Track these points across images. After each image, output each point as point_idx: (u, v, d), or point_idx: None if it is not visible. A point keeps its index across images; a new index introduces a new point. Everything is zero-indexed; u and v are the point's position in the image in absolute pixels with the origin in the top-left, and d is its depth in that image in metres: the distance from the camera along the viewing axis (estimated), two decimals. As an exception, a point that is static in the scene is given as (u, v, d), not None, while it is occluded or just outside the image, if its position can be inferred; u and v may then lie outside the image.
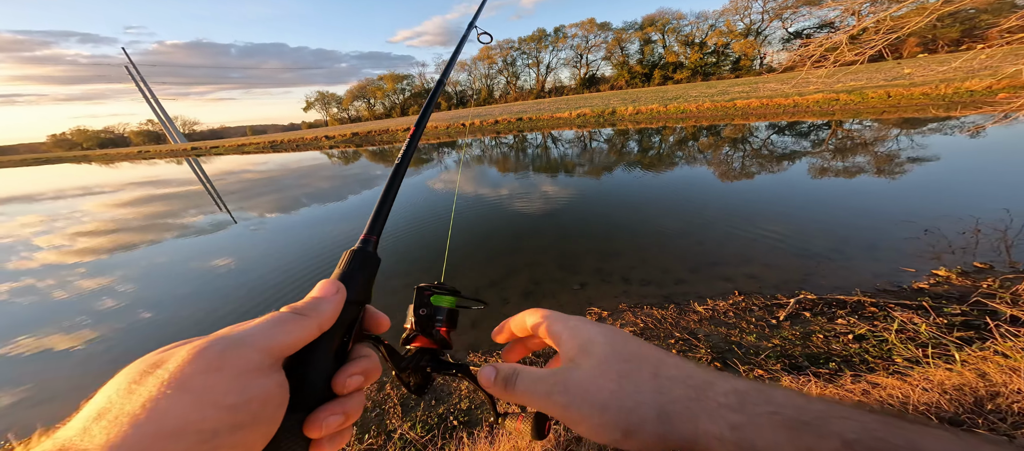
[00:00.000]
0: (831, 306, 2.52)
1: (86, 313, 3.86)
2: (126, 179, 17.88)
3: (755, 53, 54.99)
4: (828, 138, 9.26)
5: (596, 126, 18.45)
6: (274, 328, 0.27)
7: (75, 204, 11.44)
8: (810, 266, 3.19)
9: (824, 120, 12.32)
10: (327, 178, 11.66)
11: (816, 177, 6.06)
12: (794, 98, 15.94)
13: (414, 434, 1.70)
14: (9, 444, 1.92)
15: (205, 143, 47.42)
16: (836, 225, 3.97)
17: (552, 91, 68.66)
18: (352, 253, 0.36)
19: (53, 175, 25.10)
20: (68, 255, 6.03)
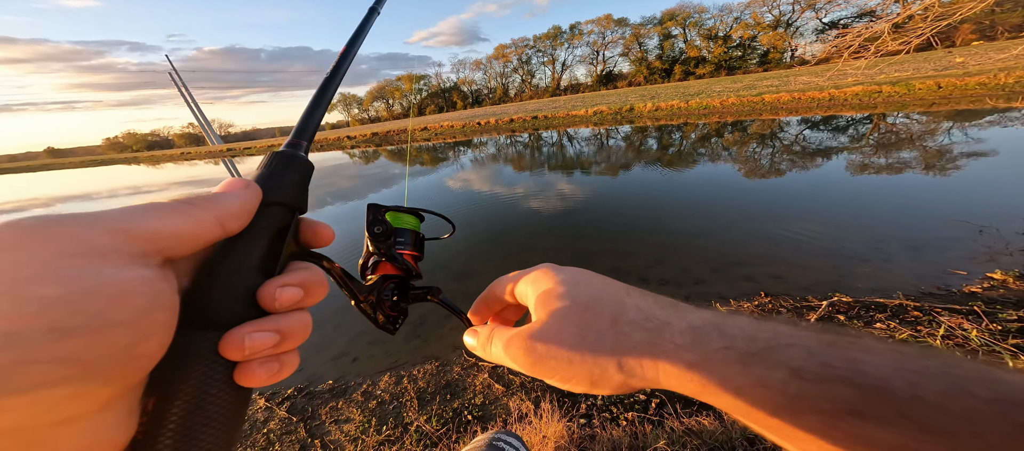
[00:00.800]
0: (869, 309, 2.36)
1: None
2: (170, 179, 19.24)
3: (785, 46, 52.06)
4: (868, 133, 8.65)
5: (613, 124, 18.08)
6: (142, 211, 0.21)
7: (127, 203, 12.41)
8: (845, 267, 3.00)
9: (864, 114, 11.52)
10: (349, 177, 12.08)
11: (853, 174, 5.68)
12: (830, 91, 14.98)
13: (430, 427, 1.73)
14: None
15: (239, 144, 50.35)
16: (875, 224, 3.71)
17: (568, 89, 67.88)
18: (274, 154, 0.29)
19: (107, 176, 27.38)
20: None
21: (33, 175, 41.46)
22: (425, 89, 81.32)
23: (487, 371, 2.16)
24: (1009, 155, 5.46)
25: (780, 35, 50.12)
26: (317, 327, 1.91)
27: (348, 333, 2.91)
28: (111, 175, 27.80)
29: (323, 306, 3.41)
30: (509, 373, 2.10)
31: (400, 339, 2.78)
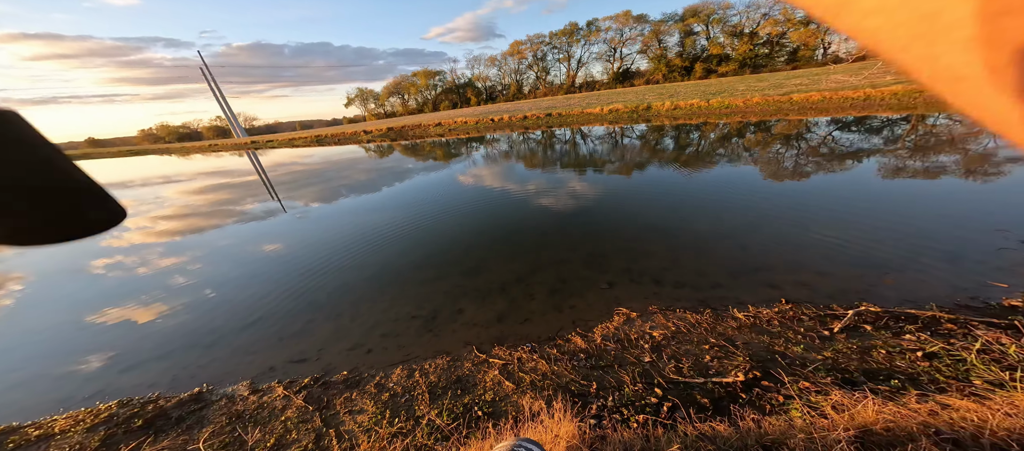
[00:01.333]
0: (899, 320, 2.24)
1: (161, 289, 4.39)
2: (198, 169, 20.17)
3: (818, 42, 49.43)
4: (905, 134, 8.16)
5: (629, 122, 17.72)
6: None
7: (158, 191, 13.14)
8: (874, 276, 2.85)
9: (901, 115, 10.87)
10: (364, 171, 12.33)
11: (887, 177, 5.38)
12: (866, 90, 14.17)
13: (441, 421, 1.76)
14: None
15: (262, 137, 52.24)
16: (909, 232, 3.51)
17: (583, 86, 66.83)
18: None
19: (142, 165, 28.94)
20: (149, 236, 6.92)
21: (76, 164, 44.20)
22: (440, 85, 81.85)
23: (498, 368, 2.19)
24: None
25: (812, 32, 47.55)
26: (332, 318, 1.99)
27: (363, 325, 3.00)
28: (145, 164, 29.37)
29: (339, 298, 3.52)
30: (520, 372, 2.12)
31: (412, 333, 2.84)
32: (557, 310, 2.90)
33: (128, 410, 2.33)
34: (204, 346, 3.03)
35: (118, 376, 2.77)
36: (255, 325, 3.23)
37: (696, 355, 2.11)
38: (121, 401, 2.44)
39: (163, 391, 2.52)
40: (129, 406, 2.38)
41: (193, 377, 2.65)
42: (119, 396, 2.51)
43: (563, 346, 2.36)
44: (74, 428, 2.20)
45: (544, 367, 2.13)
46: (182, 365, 2.80)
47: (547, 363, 2.16)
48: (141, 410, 2.32)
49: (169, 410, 2.30)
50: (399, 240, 5.06)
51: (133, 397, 2.48)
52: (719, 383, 1.85)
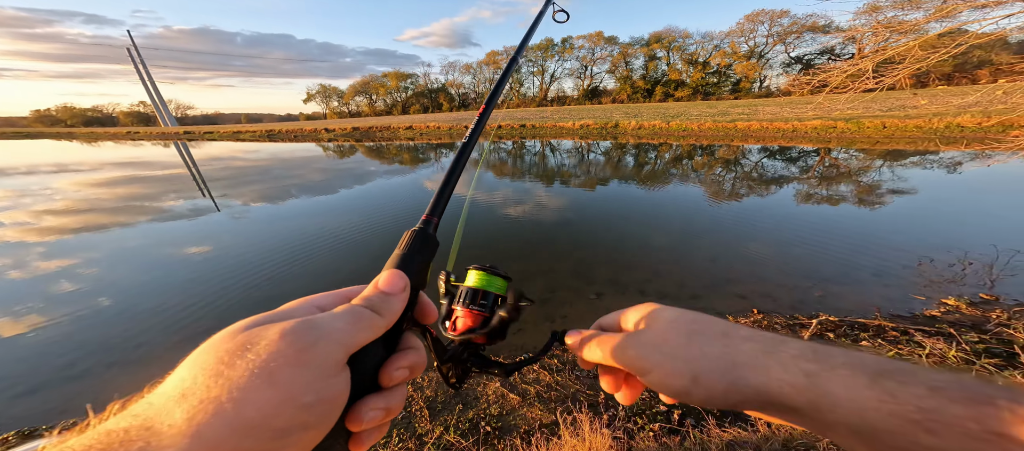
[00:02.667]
0: (853, 328, 2.52)
1: (39, 296, 3.57)
2: (107, 159, 17.25)
3: (756, 76, 56.58)
4: (816, 164, 9.52)
5: (599, 138, 18.66)
6: (353, 325, 0.27)
7: (47, 181, 10.92)
8: (823, 288, 3.21)
9: (818, 147, 12.70)
10: (321, 170, 11.44)
11: (813, 202, 6.19)
12: (793, 123, 16.40)
13: (450, 437, 1.59)
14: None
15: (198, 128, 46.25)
16: (841, 250, 4.02)
17: (554, 100, 69.39)
18: (413, 234, 0.34)
19: (30, 150, 24.09)
20: (30, 233, 5.69)
21: (-65, 142, 35.61)
22: (412, 88, 79.60)
23: (497, 381, 2.06)
24: (929, 193, 6.19)
25: (752, 65, 54.42)
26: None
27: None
28: (36, 149, 24.49)
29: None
30: (523, 383, 2.01)
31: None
32: (549, 320, 2.85)
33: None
34: (105, 364, 2.48)
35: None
36: (187, 341, 2.73)
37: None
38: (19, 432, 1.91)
39: (34, 424, 2.00)
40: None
41: (80, 404, 2.13)
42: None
43: (561, 356, 2.30)
44: None
45: (546, 377, 2.05)
46: (71, 393, 2.26)
47: (549, 373, 2.08)
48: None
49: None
50: (368, 244, 4.69)
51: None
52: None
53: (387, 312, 0.29)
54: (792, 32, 52.18)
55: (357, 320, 0.27)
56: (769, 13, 52.40)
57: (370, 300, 0.29)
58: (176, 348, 2.71)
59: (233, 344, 0.23)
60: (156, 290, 3.62)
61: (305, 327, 0.24)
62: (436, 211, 0.37)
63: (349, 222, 5.71)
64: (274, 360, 0.22)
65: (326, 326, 0.25)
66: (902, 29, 3.04)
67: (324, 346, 0.24)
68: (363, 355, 0.27)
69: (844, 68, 3.60)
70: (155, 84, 67.35)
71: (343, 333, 0.26)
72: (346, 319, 0.27)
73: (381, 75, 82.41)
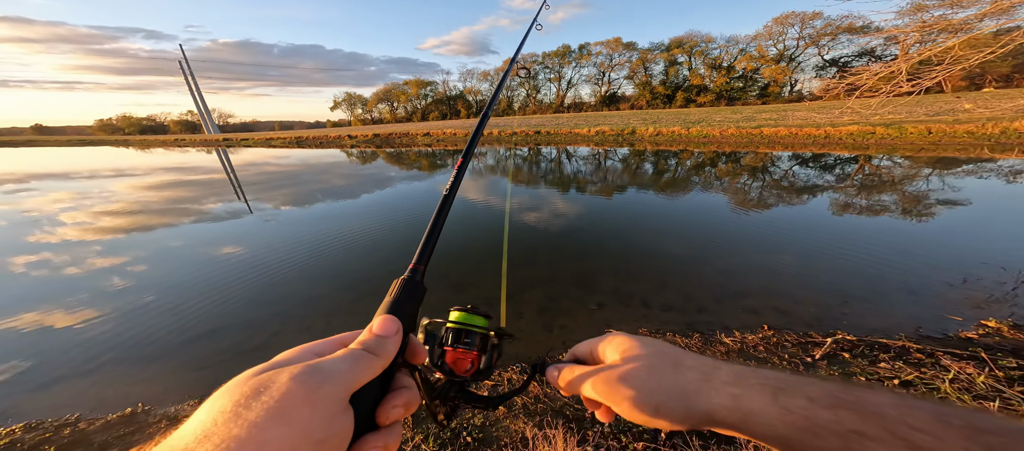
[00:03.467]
0: (872, 348, 2.34)
1: (92, 291, 3.86)
2: (158, 164, 18.80)
3: (786, 80, 53.87)
4: (854, 173, 8.91)
5: (615, 145, 18.38)
6: (354, 366, 0.29)
7: (106, 184, 12.04)
8: (844, 305, 3.00)
9: (855, 154, 11.91)
10: (344, 176, 11.94)
11: (845, 213, 5.80)
12: (826, 129, 15.46)
13: (429, 447, 1.61)
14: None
15: (236, 135, 49.74)
16: (869, 265, 3.75)
17: (571, 107, 69.19)
18: (402, 282, 0.37)
19: (92, 156, 26.69)
20: (88, 232, 6.21)
21: (13, 150, 40.17)
22: (431, 95, 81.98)
23: (487, 389, 2.06)
24: (982, 205, 5.64)
25: (782, 69, 51.87)
26: (303, 330, 1.82)
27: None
28: (97, 155, 27.10)
29: (311, 309, 3.26)
30: (510, 394, 2.01)
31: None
32: (547, 329, 2.83)
33: (36, 435, 1.99)
34: (140, 359, 2.67)
35: (29, 394, 2.37)
36: (208, 336, 2.91)
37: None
38: (29, 424, 2.07)
39: (84, 412, 2.17)
40: (38, 430, 2.03)
41: (124, 396, 2.31)
42: (27, 418, 2.14)
43: (554, 368, 2.28)
44: None
45: (536, 389, 2.03)
46: (110, 381, 2.45)
47: (539, 385, 2.07)
48: (54, 434, 1.99)
49: (91, 434, 1.99)
50: (377, 249, 4.84)
51: (45, 419, 2.12)
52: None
53: (383, 353, 0.31)
54: (826, 34, 49.38)
55: (357, 362, 0.29)
56: (800, 15, 49.94)
57: (367, 343, 0.31)
58: (203, 339, 2.90)
59: (248, 388, 0.25)
60: (199, 288, 3.90)
61: (312, 370, 0.27)
62: (422, 259, 0.40)
63: (365, 225, 5.93)
64: (287, 401, 0.24)
65: (330, 369, 0.27)
66: (950, 27, 2.82)
67: (330, 387, 0.26)
68: (361, 395, 0.29)
69: (875, 70, 3.39)
70: (202, 94, 72.95)
71: (346, 374, 0.28)
72: (347, 361, 0.29)
73: (402, 83, 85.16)
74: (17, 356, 2.74)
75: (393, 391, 0.32)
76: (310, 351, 0.31)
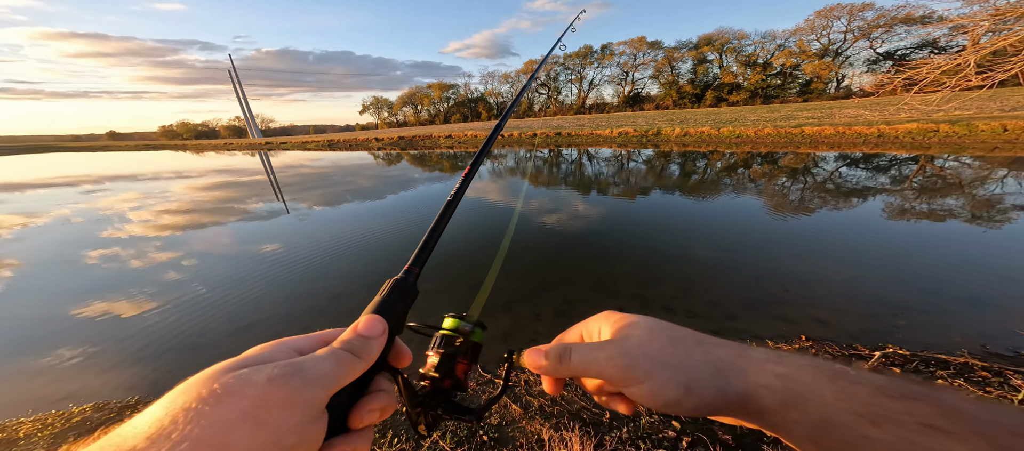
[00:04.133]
0: (928, 364, 2.12)
1: (152, 284, 4.24)
2: (209, 166, 20.56)
3: (831, 75, 49.85)
4: (912, 174, 8.08)
5: (638, 146, 17.85)
6: (336, 368, 0.27)
7: (166, 185, 13.33)
8: (895, 317, 2.73)
9: (913, 154, 10.80)
10: (370, 177, 12.46)
11: (900, 218, 5.28)
12: (879, 127, 14.15)
13: (446, 445, 1.65)
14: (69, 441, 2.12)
15: (276, 138, 53.48)
16: (926, 274, 3.39)
17: (593, 108, 68.04)
18: (394, 283, 0.36)
19: (156, 159, 29.65)
20: (150, 229, 6.86)
21: (91, 154, 45.44)
22: (453, 98, 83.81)
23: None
24: None
25: (826, 64, 48.04)
26: (330, 326, 1.91)
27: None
28: (158, 158, 30.05)
29: (337, 305, 3.43)
30: (527, 395, 2.01)
31: (413, 347, 2.74)
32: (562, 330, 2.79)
33: (103, 415, 2.19)
34: (192, 347, 2.90)
35: (97, 376, 2.61)
36: (249, 328, 3.13)
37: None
38: (97, 404, 2.29)
39: (143, 395, 2.38)
40: (104, 410, 2.23)
41: (177, 380, 2.49)
42: (96, 398, 2.36)
43: (571, 370, 2.25)
44: (40, 433, 2.05)
45: (551, 392, 2.02)
46: (168, 367, 2.67)
47: (535, 381, 2.05)
48: (118, 415, 2.19)
49: None
50: (399, 249, 5.01)
51: (110, 400, 2.33)
52: (739, 423, 1.73)
53: (366, 355, 0.29)
54: (879, 26, 45.07)
55: (339, 363, 0.28)
56: (847, 7, 45.87)
57: (350, 343, 0.29)
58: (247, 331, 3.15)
59: (218, 385, 0.23)
60: (243, 282, 4.24)
61: (293, 371, 0.25)
62: (418, 262, 0.38)
63: (388, 225, 6.17)
64: (262, 403, 0.23)
65: (312, 370, 0.26)
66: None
67: (311, 390, 0.25)
68: (337, 396, 0.28)
69: (938, 63, 3.07)
70: (247, 100, 78.95)
71: (328, 376, 0.26)
72: (329, 362, 0.27)
73: (426, 86, 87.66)
74: (89, 342, 3.06)
75: (369, 394, 0.30)
76: (288, 347, 0.29)
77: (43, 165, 28.18)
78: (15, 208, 9.91)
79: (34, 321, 3.49)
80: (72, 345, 3.01)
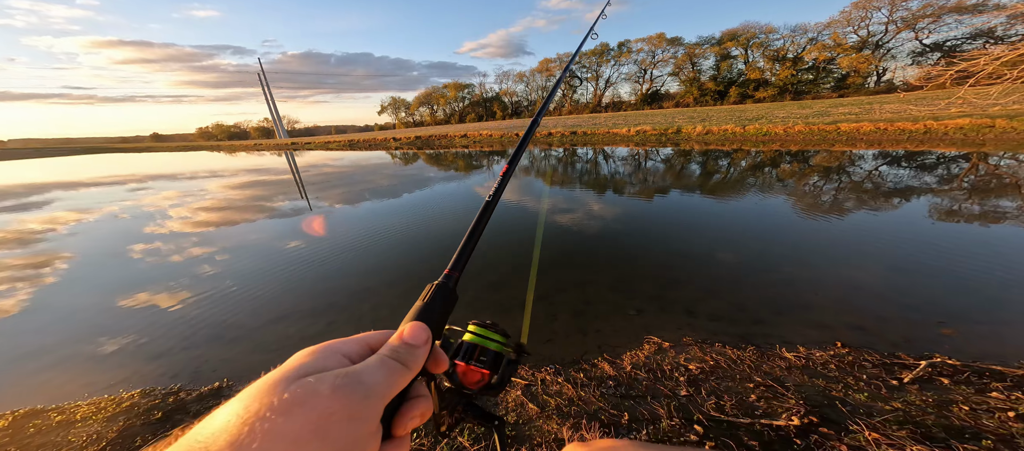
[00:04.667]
0: (982, 376, 1.95)
1: (189, 276, 4.49)
2: (241, 166, 21.69)
3: (871, 69, 46.63)
4: (963, 173, 7.45)
5: (656, 145, 17.38)
6: (390, 379, 0.28)
7: (202, 184, 14.16)
8: (944, 326, 2.52)
9: (965, 151, 9.96)
10: (388, 177, 12.75)
11: (949, 220, 4.88)
12: (926, 122, 13.15)
13: (463, 440, 1.66)
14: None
15: (301, 139, 55.87)
16: (981, 281, 3.12)
17: (609, 106, 66.79)
18: (436, 288, 0.36)
19: (193, 160, 31.58)
20: (188, 225, 7.28)
21: (136, 155, 48.93)
22: (468, 97, 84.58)
23: (520, 388, 2.08)
24: None
25: (865, 58, 44.94)
26: (353, 321, 1.95)
27: (383, 326, 2.97)
28: (195, 159, 31.98)
29: (359, 301, 3.53)
30: (544, 394, 2.00)
31: (432, 339, 2.78)
32: (582, 333, 2.76)
33: (149, 401, 2.33)
34: (227, 339, 3.04)
35: (143, 364, 2.78)
36: (277, 322, 3.25)
37: (739, 393, 1.91)
38: (144, 390, 2.44)
39: (185, 383, 2.52)
40: (151, 396, 2.38)
41: (215, 370, 2.64)
42: (143, 385, 2.51)
43: (590, 371, 2.22)
44: (95, 416, 2.19)
45: (570, 391, 2.00)
46: (205, 357, 2.81)
47: (573, 387, 2.03)
48: (162, 402, 2.32)
49: (189, 403, 2.30)
50: (418, 247, 5.09)
51: (156, 387, 2.48)
52: (769, 425, 1.64)
53: (413, 364, 0.30)
54: (926, 16, 41.65)
55: (392, 373, 0.28)
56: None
57: (398, 352, 0.30)
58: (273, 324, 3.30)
59: (288, 396, 0.23)
60: (271, 278, 4.45)
61: (354, 383, 0.25)
62: (458, 266, 0.38)
63: (406, 223, 6.29)
64: (328, 415, 0.23)
65: (370, 381, 0.26)
66: None
67: (372, 402, 0.25)
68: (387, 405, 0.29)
69: (996, 54, 2.82)
70: (275, 102, 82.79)
71: (384, 387, 0.27)
72: (384, 373, 0.27)
73: (442, 86, 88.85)
74: (135, 331, 3.26)
75: (411, 400, 0.31)
76: (336, 352, 0.29)
77: (95, 165, 30.60)
78: (71, 205, 10.82)
79: (87, 310, 3.77)
80: (120, 334, 3.22)
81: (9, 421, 2.19)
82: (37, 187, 16.23)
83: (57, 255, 5.76)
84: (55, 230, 7.51)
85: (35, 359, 2.92)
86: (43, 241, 6.65)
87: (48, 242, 6.56)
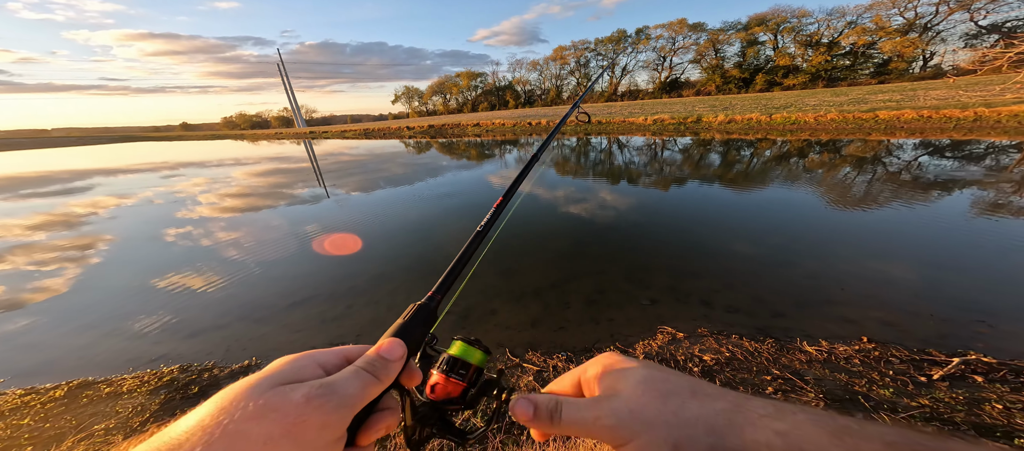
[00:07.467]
0: (1020, 374, 1.84)
1: (218, 260, 4.69)
2: (263, 154, 22.42)
3: (916, 53, 42.88)
4: (1014, 164, 6.86)
5: (675, 134, 16.77)
6: (363, 390, 0.29)
7: (228, 171, 14.74)
8: (979, 323, 2.38)
9: (1017, 140, 9.17)
10: (403, 165, 12.90)
11: (994, 214, 4.54)
12: (977, 109, 12.11)
13: (477, 421, 1.71)
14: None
15: (319, 128, 57.17)
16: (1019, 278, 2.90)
17: (625, 94, 64.64)
18: (417, 308, 0.38)
19: (219, 148, 32.86)
20: (216, 211, 7.63)
21: (167, 144, 51.29)
22: (480, 86, 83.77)
23: (532, 373, 2.11)
24: None
25: (911, 41, 41.25)
26: (371, 305, 2.01)
27: (398, 314, 3.06)
28: (221, 147, 33.25)
29: (376, 286, 3.64)
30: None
31: (445, 328, 2.85)
32: (594, 321, 2.76)
33: (187, 376, 2.49)
34: (255, 320, 3.19)
35: (182, 341, 2.96)
36: (300, 305, 3.38)
37: (756, 386, 1.88)
38: (182, 366, 2.60)
39: (218, 360, 2.67)
40: (188, 372, 2.54)
41: (244, 349, 2.80)
42: (181, 361, 2.68)
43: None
44: (139, 388, 2.37)
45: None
46: (236, 337, 2.96)
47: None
48: (198, 377, 2.47)
49: (222, 380, 2.45)
50: (432, 233, 5.17)
51: (192, 363, 2.64)
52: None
53: (385, 377, 0.31)
54: (988, -7, 37.45)
55: (364, 385, 0.29)
56: None
57: (372, 364, 0.31)
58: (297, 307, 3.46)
59: (263, 402, 0.25)
60: (293, 262, 4.64)
61: (327, 392, 0.27)
62: (442, 290, 0.41)
63: (419, 210, 6.39)
64: (300, 421, 0.24)
65: (342, 391, 0.27)
66: None
67: (341, 411, 0.27)
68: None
69: None
70: (294, 93, 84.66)
71: (354, 397, 0.28)
72: (356, 384, 0.29)
73: (454, 75, 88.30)
74: (171, 311, 3.46)
75: (378, 412, 0.32)
76: (313, 362, 0.30)
77: (131, 153, 32.33)
78: (110, 190, 11.52)
79: (128, 291, 4.03)
80: (158, 313, 3.43)
81: (65, 391, 2.40)
82: (80, 173, 17.33)
83: (100, 238, 6.17)
84: (97, 214, 8.04)
85: (84, 334, 3.17)
86: (87, 224, 7.13)
87: (91, 225, 7.04)
